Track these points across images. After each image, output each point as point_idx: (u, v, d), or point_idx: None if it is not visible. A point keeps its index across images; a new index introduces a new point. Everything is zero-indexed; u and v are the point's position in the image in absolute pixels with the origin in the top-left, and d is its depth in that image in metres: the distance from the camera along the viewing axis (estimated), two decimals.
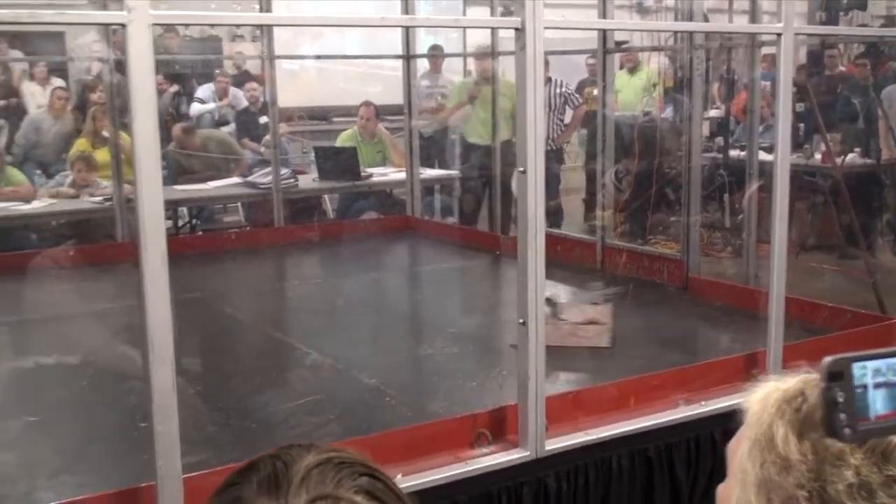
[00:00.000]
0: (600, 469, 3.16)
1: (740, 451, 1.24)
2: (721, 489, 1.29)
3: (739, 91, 8.83)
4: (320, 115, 11.18)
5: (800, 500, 1.15)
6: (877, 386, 1.09)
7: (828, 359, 1.08)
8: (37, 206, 7.00)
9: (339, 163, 7.94)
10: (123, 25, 2.22)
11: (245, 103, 9.80)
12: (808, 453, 1.17)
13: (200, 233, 8.00)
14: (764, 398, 1.25)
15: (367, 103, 8.51)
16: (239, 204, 8.75)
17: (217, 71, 10.02)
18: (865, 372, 1.09)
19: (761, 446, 1.21)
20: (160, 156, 2.36)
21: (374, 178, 8.04)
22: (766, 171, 5.41)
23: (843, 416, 1.09)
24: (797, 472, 1.16)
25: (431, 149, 8.83)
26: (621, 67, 8.87)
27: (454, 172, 8.64)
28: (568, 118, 9.40)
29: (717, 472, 3.29)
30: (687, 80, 5.37)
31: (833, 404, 1.09)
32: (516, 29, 2.84)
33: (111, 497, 2.55)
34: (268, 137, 8.06)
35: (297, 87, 10.13)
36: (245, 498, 1.01)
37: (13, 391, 3.80)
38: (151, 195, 2.32)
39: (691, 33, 5.34)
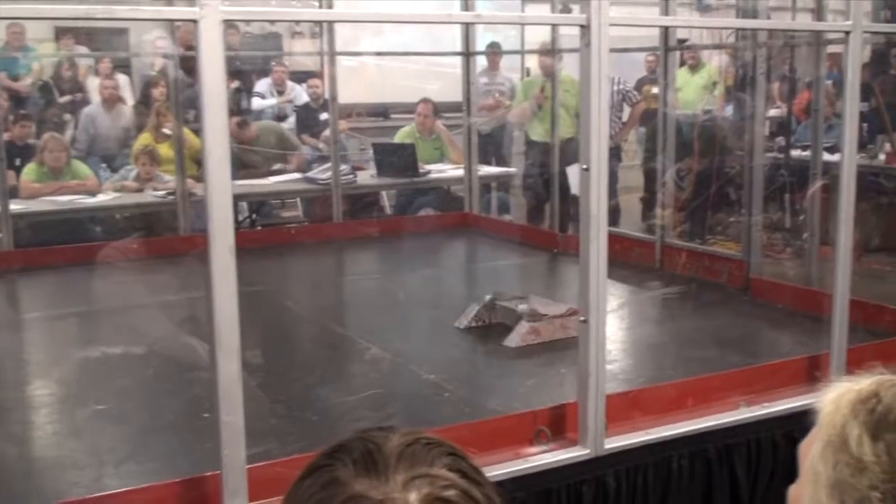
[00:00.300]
0: (660, 469, 3.15)
1: (812, 452, 1.23)
2: (793, 490, 1.29)
3: (801, 90, 8.73)
4: (379, 111, 11.23)
5: (873, 502, 1.14)
6: None
7: None
8: (102, 199, 7.13)
9: (397, 159, 7.98)
10: (195, 21, 2.25)
11: (305, 98, 9.88)
12: (883, 454, 1.16)
13: (260, 228, 8.08)
14: (837, 399, 1.24)
15: (425, 100, 8.54)
16: (298, 199, 8.83)
17: (273, 63, 10.10)
18: None
19: (834, 447, 1.20)
20: (229, 150, 2.39)
21: (432, 175, 8.07)
22: (829, 171, 5.34)
23: None
24: (871, 473, 1.15)
25: (489, 146, 8.85)
26: (682, 65, 8.81)
27: (512, 170, 8.65)
28: (626, 116, 9.35)
29: (778, 474, 3.28)
30: (749, 78, 5.31)
31: None
32: (581, 26, 2.84)
33: (177, 485, 2.59)
34: (327, 133, 8.13)
35: (356, 83, 10.18)
36: (342, 479, 1.00)
37: (81, 380, 3.87)
38: (220, 189, 2.35)
39: (755, 31, 5.28)
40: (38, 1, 2.38)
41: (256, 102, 9.71)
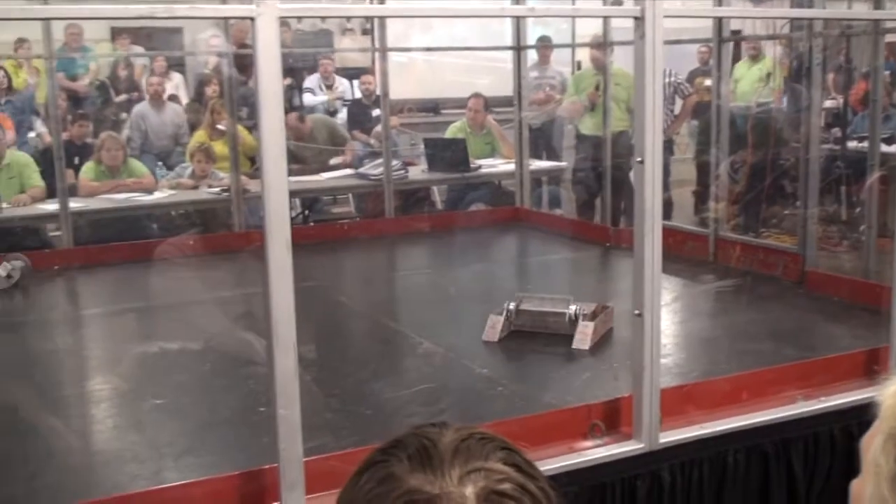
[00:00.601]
0: (715, 463, 3.13)
1: (874, 446, 1.23)
2: (855, 484, 1.28)
3: (857, 81, 8.60)
4: (430, 106, 11.26)
5: None
6: None
7: None
8: (158, 196, 7.23)
9: (448, 154, 7.99)
10: (252, 19, 2.28)
11: (352, 93, 9.95)
12: None
13: (312, 224, 8.14)
14: None
15: (476, 94, 8.53)
16: (350, 195, 8.88)
17: (320, 57, 10.17)
18: None
19: (895, 440, 1.19)
20: (285, 147, 2.42)
21: (483, 170, 8.07)
22: (886, 162, 5.27)
23: None
24: None
25: (540, 140, 8.83)
26: (737, 58, 8.72)
27: (563, 164, 8.62)
28: (678, 109, 9.28)
29: (836, 469, 3.24)
30: (805, 69, 5.24)
31: None
32: (636, 18, 2.83)
33: (236, 478, 2.63)
34: (378, 129, 8.17)
35: (406, 79, 10.22)
36: (398, 475, 1.01)
37: (140, 375, 3.93)
38: (277, 186, 2.38)
39: (810, 21, 5.21)
40: (97, 2, 2.43)
41: (308, 98, 9.78)
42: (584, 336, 4.06)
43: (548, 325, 4.22)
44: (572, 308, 4.15)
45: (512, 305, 4.24)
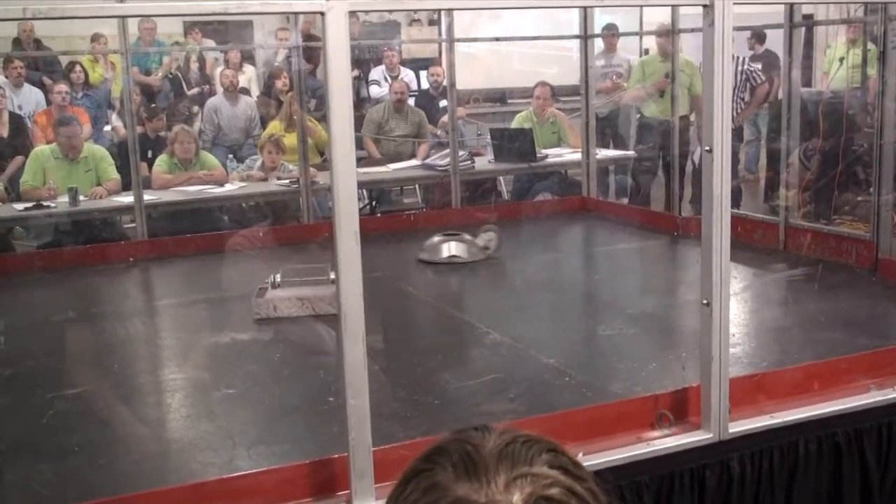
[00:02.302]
0: (786, 453, 3.09)
1: None
2: None
3: None
4: (496, 96, 11.26)
5: None
6: None
7: None
8: (229, 189, 7.35)
9: (514, 144, 8.00)
10: (322, 13, 2.32)
11: (422, 85, 9.98)
12: None
13: (380, 214, 8.20)
14: None
15: (542, 83, 8.52)
16: (416, 186, 8.93)
17: (385, 48, 10.22)
18: None
19: None
20: (354, 139, 2.45)
21: (550, 160, 8.06)
22: None
23: None
24: None
25: (606, 129, 8.79)
26: (809, 44, 8.57)
27: (630, 153, 8.57)
28: (749, 96, 9.17)
29: None
30: (880, 53, 5.13)
31: None
32: (704, 5, 2.80)
33: (307, 467, 2.67)
34: (444, 120, 8.19)
35: (473, 69, 10.23)
36: (442, 483, 1.00)
37: (212, 365, 4.01)
38: (345, 177, 2.41)
39: (885, 3, 5.10)
40: None
41: (375, 90, 9.84)
42: None
43: None
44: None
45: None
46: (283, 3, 2.80)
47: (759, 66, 9.35)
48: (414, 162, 8.26)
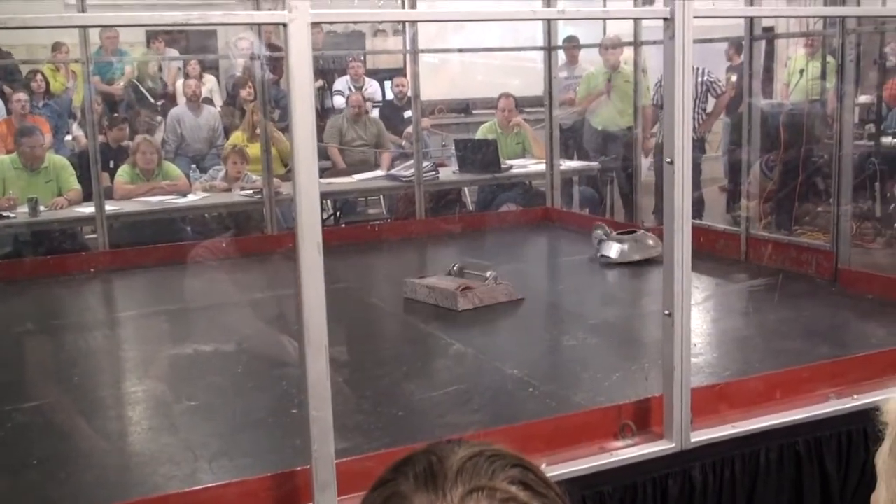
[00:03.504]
0: (747, 462, 3.12)
1: (882, 452, 1.25)
2: (873, 498, 1.30)
3: (892, 77, 8.53)
4: (460, 107, 11.28)
5: None
6: None
7: None
8: (192, 199, 7.30)
9: (479, 155, 8.02)
10: (284, 25, 2.31)
11: (387, 95, 9.98)
12: None
13: (344, 225, 8.19)
14: None
15: (506, 95, 8.56)
16: (381, 196, 8.92)
17: (350, 59, 10.22)
18: None
19: None
20: (316, 150, 2.44)
21: (514, 170, 8.08)
22: None
23: None
24: None
25: (570, 140, 8.84)
26: (770, 57, 8.69)
27: (594, 164, 8.63)
28: (710, 107, 9.25)
29: (870, 468, 3.22)
30: (838, 66, 5.20)
31: None
32: (665, 19, 2.83)
33: (269, 480, 2.65)
34: (409, 130, 8.20)
35: (438, 80, 10.24)
36: (403, 493, 1.02)
37: (174, 377, 3.98)
38: (308, 188, 2.41)
39: (843, 18, 5.17)
40: (132, 8, 2.47)
41: (339, 100, 9.83)
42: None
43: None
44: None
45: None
46: (244, 14, 2.80)
47: (735, 76, 9.45)
48: (378, 172, 8.26)
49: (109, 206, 6.57)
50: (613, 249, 5.57)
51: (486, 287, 4.81)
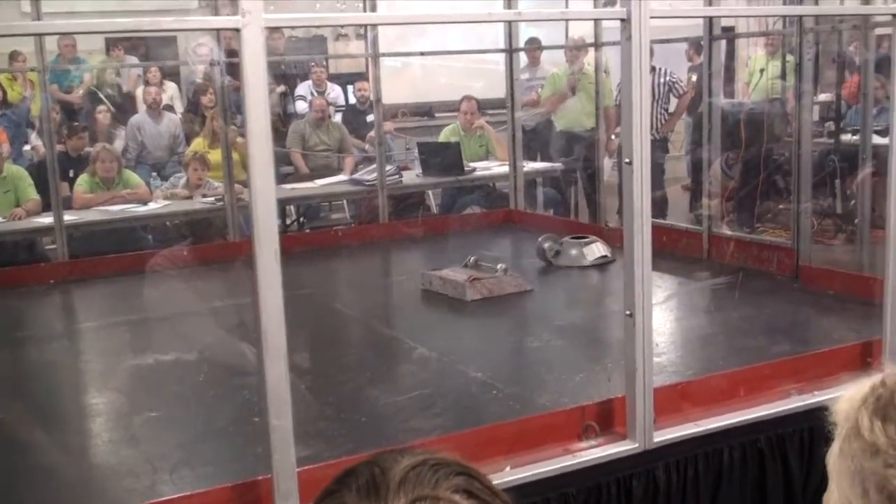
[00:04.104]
0: (711, 460, 3.13)
1: (832, 453, 1.26)
2: (825, 498, 1.30)
3: (851, 74, 8.60)
4: (423, 110, 11.27)
5: (891, 480, 1.16)
6: None
7: None
8: (153, 207, 7.24)
9: (442, 158, 8.01)
10: (238, 30, 2.29)
11: (350, 100, 9.96)
12: (894, 434, 1.18)
13: (308, 230, 8.15)
14: (849, 399, 1.27)
15: (468, 98, 8.56)
16: (344, 201, 8.88)
17: (312, 63, 10.18)
18: None
19: (850, 441, 1.23)
20: (272, 156, 2.42)
21: (478, 173, 8.08)
22: (879, 154, 5.27)
23: None
24: (885, 454, 1.18)
25: (533, 142, 8.86)
26: (730, 56, 8.74)
27: (557, 165, 8.65)
28: (672, 107, 9.30)
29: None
30: (797, 65, 5.24)
31: None
32: (622, 20, 2.83)
33: (230, 490, 2.62)
34: (372, 134, 8.18)
35: (400, 83, 10.23)
36: None
37: (135, 388, 3.93)
38: (265, 194, 2.39)
39: (800, 17, 5.21)
40: (88, 15, 2.44)
41: (301, 105, 9.79)
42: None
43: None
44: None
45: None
46: (198, 20, 2.77)
47: (695, 76, 9.50)
48: (341, 177, 8.23)
49: (69, 216, 6.50)
50: (565, 257, 5.57)
51: (495, 278, 4.96)
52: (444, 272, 5.09)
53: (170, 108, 9.54)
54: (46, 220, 6.52)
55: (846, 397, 1.28)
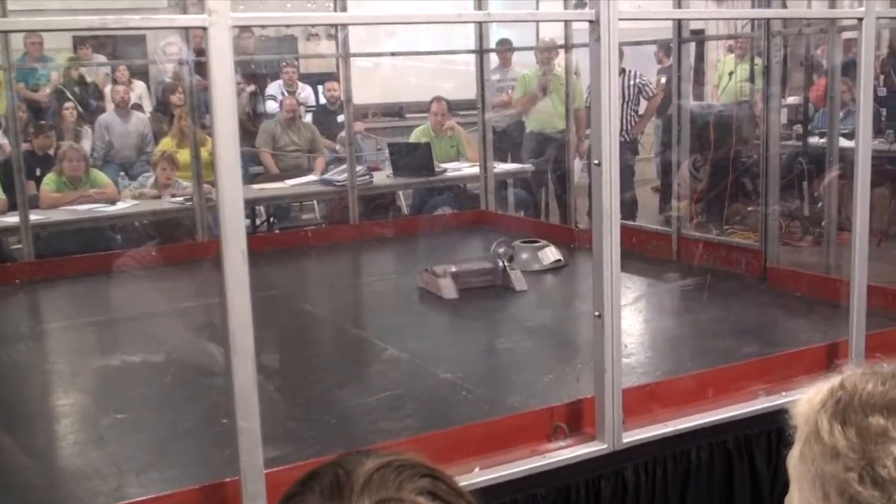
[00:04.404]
0: (679, 461, 3.14)
1: (793, 456, 1.26)
2: (786, 500, 1.31)
3: (819, 77, 8.67)
4: (394, 111, 11.25)
5: (851, 483, 1.16)
6: None
7: None
8: (121, 207, 7.17)
9: (412, 159, 7.99)
10: (205, 28, 2.27)
11: (321, 100, 9.92)
12: (854, 437, 1.19)
13: (277, 231, 8.12)
14: (808, 402, 1.28)
15: (437, 98, 8.54)
16: (314, 201, 8.85)
17: (283, 63, 10.13)
18: None
19: (810, 444, 1.23)
20: (240, 155, 2.40)
21: (448, 174, 8.07)
22: (846, 157, 5.31)
23: None
24: (845, 457, 1.18)
25: (504, 143, 8.86)
26: (700, 59, 8.79)
27: (528, 166, 8.66)
28: (642, 109, 9.33)
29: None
30: (765, 67, 5.28)
31: None
32: (591, 21, 2.84)
33: (197, 492, 2.60)
34: (343, 135, 8.15)
35: (370, 84, 10.21)
36: None
37: (101, 388, 3.90)
38: (232, 194, 2.37)
39: (769, 20, 5.25)
40: (55, 13, 2.42)
41: (271, 105, 9.74)
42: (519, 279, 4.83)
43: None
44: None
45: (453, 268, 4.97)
46: (164, 18, 2.75)
47: (664, 78, 9.55)
48: (312, 177, 8.19)
49: (35, 216, 6.43)
50: (518, 262, 5.48)
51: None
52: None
53: (138, 107, 9.45)
54: (12, 219, 6.44)
55: (805, 400, 1.28)
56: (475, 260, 5.20)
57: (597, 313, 2.95)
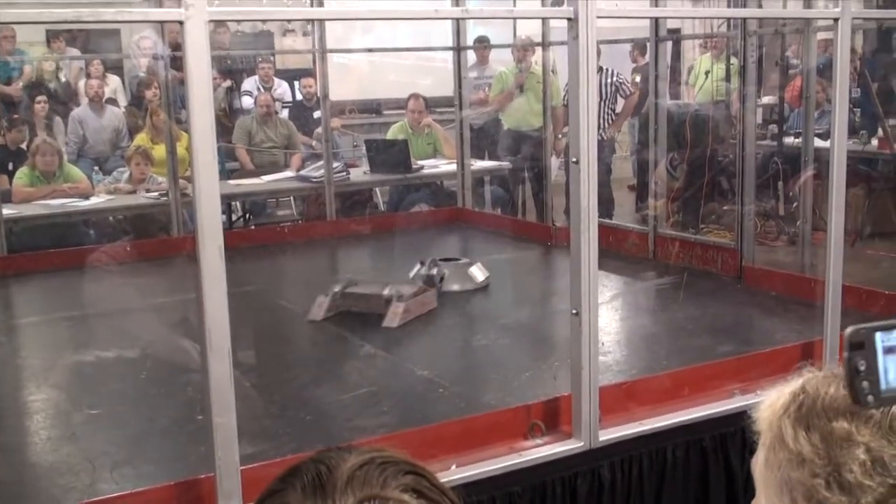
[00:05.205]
0: (655, 459, 3.15)
1: (757, 462, 1.26)
2: None
3: (793, 77, 8.73)
4: (371, 107, 11.23)
5: (818, 489, 1.16)
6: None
7: (849, 329, 1.11)
8: (95, 202, 7.12)
9: (390, 155, 7.98)
10: (181, 23, 2.25)
11: (297, 96, 9.88)
12: (818, 443, 1.18)
13: (253, 227, 8.08)
14: (770, 406, 1.27)
15: (415, 95, 8.53)
16: (291, 198, 8.82)
17: (259, 59, 10.09)
18: (886, 339, 1.13)
19: (775, 450, 1.22)
20: (216, 150, 2.39)
21: (425, 171, 8.07)
22: (821, 157, 5.35)
23: (865, 384, 1.11)
24: (810, 463, 1.18)
25: (481, 140, 8.87)
26: (676, 58, 8.82)
27: (505, 164, 8.67)
28: (619, 107, 9.36)
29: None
30: (741, 67, 5.30)
31: (856, 373, 1.11)
32: (568, 19, 2.84)
33: (171, 488, 2.59)
34: (319, 131, 8.13)
35: (347, 80, 10.18)
36: None
37: (75, 384, 3.87)
38: (209, 190, 2.35)
39: (745, 20, 5.27)
40: (27, 6, 2.39)
41: (247, 101, 9.70)
42: (394, 315, 4.42)
43: (369, 306, 4.56)
44: (387, 290, 4.54)
45: (337, 288, 4.64)
46: (139, 12, 2.73)
47: (639, 77, 9.58)
48: (288, 173, 8.16)
49: (8, 210, 6.39)
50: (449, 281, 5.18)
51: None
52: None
53: (113, 101, 9.38)
54: None
55: (767, 404, 1.27)
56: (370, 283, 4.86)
57: (574, 311, 2.95)
